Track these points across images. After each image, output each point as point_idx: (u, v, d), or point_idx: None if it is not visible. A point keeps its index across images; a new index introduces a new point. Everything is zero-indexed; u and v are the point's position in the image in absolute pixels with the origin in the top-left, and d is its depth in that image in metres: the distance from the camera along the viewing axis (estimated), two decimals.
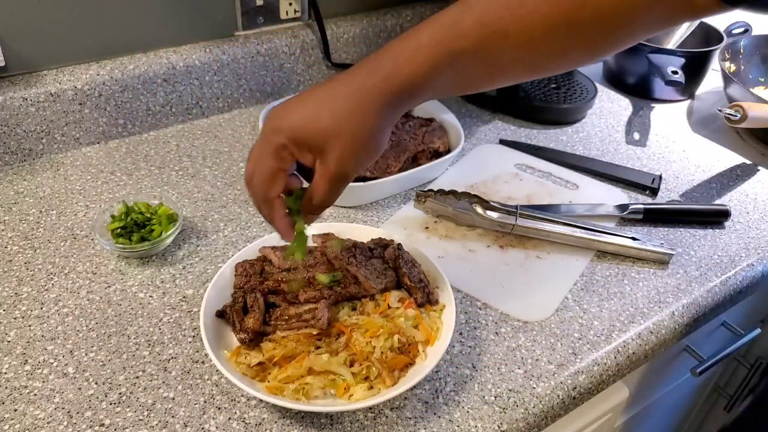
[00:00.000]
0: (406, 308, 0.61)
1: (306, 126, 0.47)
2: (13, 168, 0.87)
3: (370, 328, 0.58)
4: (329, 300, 0.60)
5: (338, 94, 0.47)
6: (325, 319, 0.58)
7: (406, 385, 0.54)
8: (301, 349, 0.57)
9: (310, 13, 1.04)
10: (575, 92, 1.06)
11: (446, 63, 0.47)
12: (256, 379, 0.56)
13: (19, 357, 0.61)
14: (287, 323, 0.59)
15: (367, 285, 0.62)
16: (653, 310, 0.70)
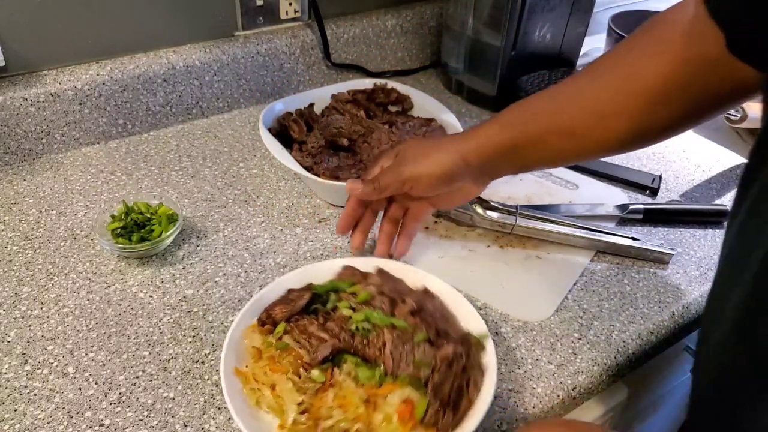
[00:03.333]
0: (398, 418, 0.50)
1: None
2: (13, 168, 0.87)
3: (346, 398, 0.52)
4: (339, 345, 0.55)
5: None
6: (321, 357, 0.54)
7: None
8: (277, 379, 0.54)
9: (310, 13, 1.04)
10: None
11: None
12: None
13: (19, 357, 0.61)
14: (297, 334, 0.57)
15: (387, 362, 0.53)
16: (653, 310, 0.70)
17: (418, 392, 0.51)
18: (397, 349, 0.53)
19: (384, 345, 0.54)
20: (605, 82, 0.59)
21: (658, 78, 0.56)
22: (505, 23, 0.97)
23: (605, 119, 0.59)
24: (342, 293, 0.60)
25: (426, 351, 0.53)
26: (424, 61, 1.20)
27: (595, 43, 1.25)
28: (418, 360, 0.53)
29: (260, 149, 0.94)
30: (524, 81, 1.07)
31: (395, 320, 0.56)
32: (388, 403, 0.51)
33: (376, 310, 0.57)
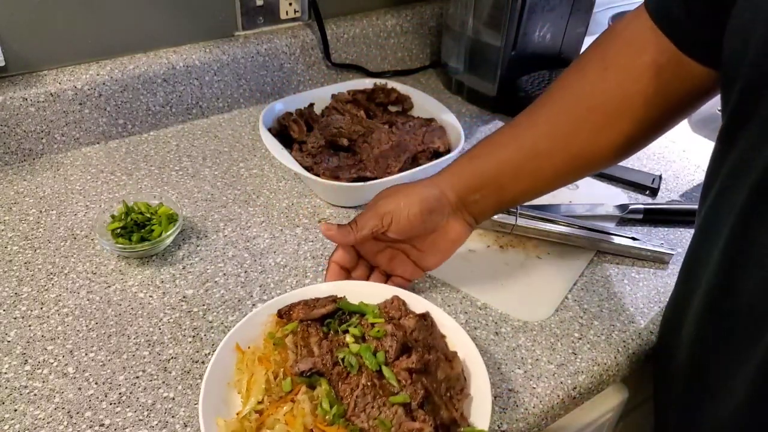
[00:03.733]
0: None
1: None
2: (13, 168, 0.87)
3: (295, 419, 0.50)
4: (318, 366, 0.53)
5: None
6: (298, 370, 0.53)
7: None
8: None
9: (310, 13, 1.04)
10: None
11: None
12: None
13: (19, 357, 0.61)
14: (299, 338, 0.56)
15: (349, 404, 0.50)
16: (653, 310, 0.70)
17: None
18: (364, 398, 0.50)
19: (356, 387, 0.51)
20: (562, 104, 0.61)
21: (615, 92, 0.57)
22: (505, 23, 0.97)
23: (565, 138, 0.60)
24: (364, 319, 0.57)
25: (395, 415, 0.49)
26: (424, 61, 1.20)
27: None
28: (379, 419, 0.49)
29: (260, 149, 0.94)
30: (524, 81, 1.07)
31: (386, 370, 0.52)
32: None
33: (378, 351, 0.53)
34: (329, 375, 0.53)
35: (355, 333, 0.55)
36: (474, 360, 0.56)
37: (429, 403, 0.51)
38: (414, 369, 0.52)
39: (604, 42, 0.60)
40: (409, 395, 0.50)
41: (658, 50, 0.55)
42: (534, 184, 0.63)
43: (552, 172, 0.62)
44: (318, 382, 0.52)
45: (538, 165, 0.61)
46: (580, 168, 0.63)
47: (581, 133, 0.59)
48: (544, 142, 0.60)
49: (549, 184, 0.64)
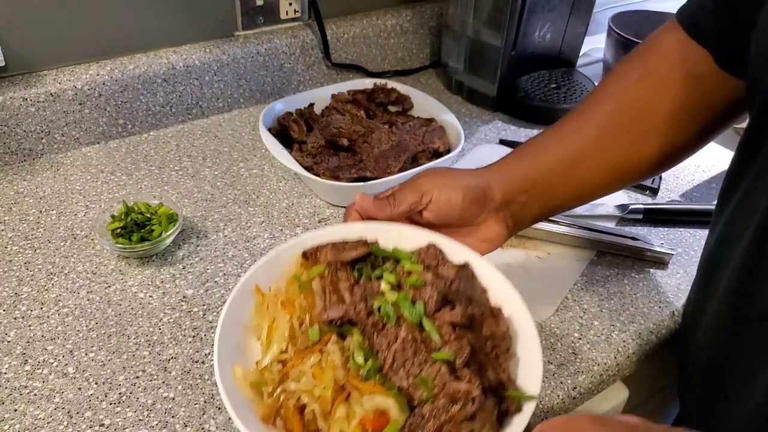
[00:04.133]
0: (359, 424, 0.42)
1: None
2: (13, 168, 0.87)
3: (323, 371, 0.45)
4: (350, 315, 0.47)
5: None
6: (327, 318, 0.48)
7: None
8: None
9: (310, 13, 1.04)
10: (575, 92, 1.06)
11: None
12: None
13: (19, 357, 0.61)
14: (327, 283, 0.51)
15: (386, 359, 0.45)
16: (653, 310, 0.70)
17: (401, 413, 0.43)
18: (404, 353, 0.45)
19: (395, 340, 0.45)
20: (607, 110, 0.58)
21: (656, 102, 0.56)
22: (505, 23, 0.97)
23: (610, 145, 0.58)
24: (399, 266, 0.51)
25: (438, 374, 0.44)
26: (424, 61, 1.20)
27: (595, 43, 1.25)
28: (421, 377, 0.43)
29: (260, 149, 0.94)
30: (524, 81, 1.07)
31: (427, 322, 0.46)
32: (361, 403, 0.43)
33: (416, 302, 0.47)
34: (363, 325, 0.47)
35: (391, 280, 0.49)
36: (521, 318, 0.49)
37: (474, 362, 0.45)
38: (458, 323, 0.46)
39: (643, 52, 0.59)
40: (453, 352, 0.44)
41: (694, 61, 0.54)
42: (579, 190, 0.60)
43: (598, 178, 0.60)
44: (349, 332, 0.47)
45: (585, 170, 0.59)
46: (621, 177, 0.61)
47: (624, 141, 0.57)
48: (591, 146, 0.58)
49: (592, 192, 0.61)
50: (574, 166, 0.58)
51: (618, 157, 0.58)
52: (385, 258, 0.52)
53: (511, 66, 1.03)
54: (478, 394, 0.42)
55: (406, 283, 0.49)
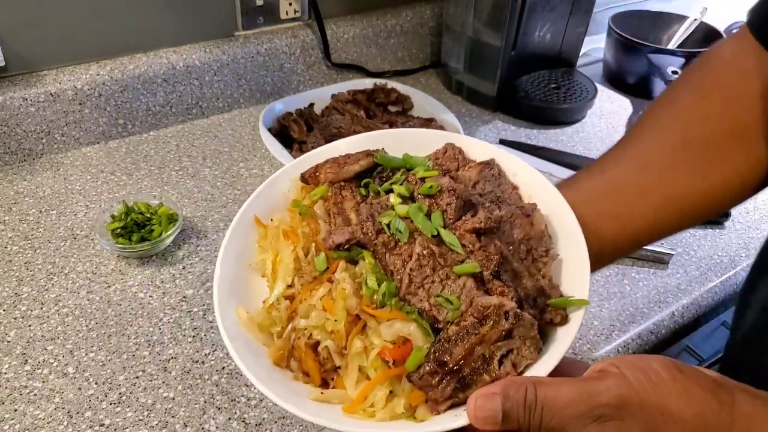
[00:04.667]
0: (380, 356, 0.38)
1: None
2: (13, 168, 0.87)
3: (334, 302, 0.40)
4: (357, 236, 0.42)
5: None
6: (332, 243, 0.42)
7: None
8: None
9: (310, 13, 1.04)
10: (575, 92, 1.06)
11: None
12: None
13: (19, 357, 0.61)
14: (332, 205, 0.45)
15: (402, 280, 0.39)
16: (653, 310, 0.69)
17: (425, 338, 0.38)
18: (422, 270, 0.39)
19: (409, 258, 0.39)
20: (651, 138, 0.51)
21: (717, 123, 0.49)
22: (505, 23, 0.97)
23: (657, 177, 0.49)
24: (411, 175, 0.45)
25: (463, 289, 0.38)
26: (424, 61, 1.20)
27: (595, 43, 1.25)
28: (443, 296, 0.38)
29: (260, 149, 0.94)
30: (524, 81, 1.07)
31: (446, 233, 0.40)
32: (379, 332, 0.38)
33: (433, 212, 0.41)
34: (372, 246, 0.41)
35: (401, 192, 0.43)
36: (560, 213, 0.43)
37: (507, 271, 0.40)
38: (482, 228, 0.40)
39: (699, 69, 0.51)
40: (478, 263, 0.39)
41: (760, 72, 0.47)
42: (630, 225, 0.49)
43: (649, 214, 0.49)
44: (360, 255, 0.42)
45: (628, 205, 0.49)
46: (681, 213, 0.50)
47: (677, 171, 0.49)
48: (632, 179, 0.49)
49: (647, 231, 0.50)
50: (614, 199, 0.49)
51: (669, 189, 0.49)
52: (395, 168, 0.46)
53: (511, 66, 1.03)
54: (512, 307, 0.36)
55: (419, 193, 0.43)
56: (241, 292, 0.43)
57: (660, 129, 0.50)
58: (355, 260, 0.42)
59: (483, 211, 0.41)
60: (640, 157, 0.50)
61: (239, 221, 0.45)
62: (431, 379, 0.36)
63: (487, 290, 0.38)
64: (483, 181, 0.44)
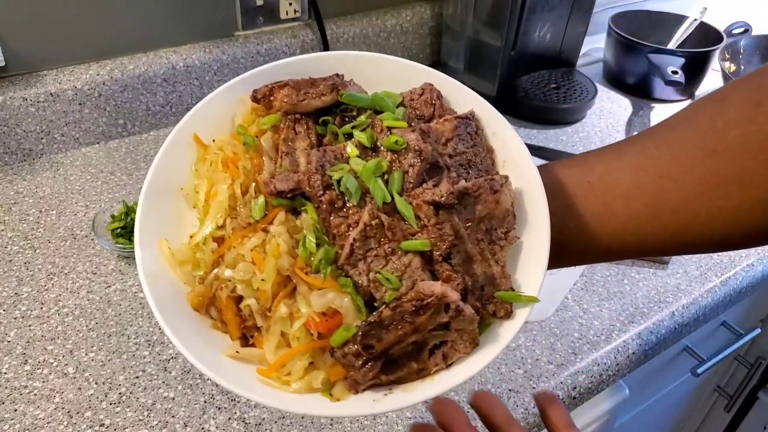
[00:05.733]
0: (305, 326, 0.35)
1: None
2: (13, 168, 0.87)
3: (265, 258, 0.36)
4: (303, 188, 0.37)
5: None
6: (274, 189, 0.37)
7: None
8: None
9: (310, 13, 1.04)
10: (575, 92, 1.06)
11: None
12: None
13: (19, 357, 0.61)
14: (282, 140, 0.40)
15: (342, 249, 0.35)
16: (653, 310, 0.70)
17: (357, 314, 0.34)
18: (365, 242, 0.35)
19: (355, 224, 0.35)
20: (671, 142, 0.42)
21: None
22: (505, 23, 0.97)
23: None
24: (377, 120, 0.39)
25: (408, 267, 0.35)
26: (424, 61, 1.20)
27: (595, 43, 1.25)
28: (383, 273, 0.34)
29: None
30: (524, 81, 1.07)
31: (401, 202, 0.36)
32: (309, 299, 0.35)
33: (393, 173, 0.37)
34: (317, 202, 0.36)
35: (362, 140, 0.38)
36: (532, 190, 0.38)
37: (459, 253, 0.36)
38: (443, 203, 0.35)
39: (764, 71, 0.41)
40: (430, 240, 0.35)
41: None
42: (603, 229, 0.42)
43: (629, 223, 0.41)
44: (303, 207, 0.37)
45: (607, 206, 0.41)
46: (672, 232, 0.41)
47: (682, 182, 0.40)
48: (625, 178, 0.42)
49: (622, 242, 0.42)
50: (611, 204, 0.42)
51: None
52: (362, 108, 0.40)
53: (511, 66, 1.03)
54: (454, 300, 0.33)
55: (383, 145, 0.38)
56: (169, 219, 0.38)
57: (686, 129, 0.41)
58: (297, 210, 0.37)
59: (447, 182, 0.37)
60: (644, 155, 0.42)
61: (176, 137, 0.39)
62: (355, 360, 0.34)
63: (433, 271, 0.35)
64: (456, 139, 0.40)
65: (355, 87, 0.42)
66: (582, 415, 0.72)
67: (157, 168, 0.38)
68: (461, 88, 0.42)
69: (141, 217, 0.37)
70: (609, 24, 1.14)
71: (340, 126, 0.40)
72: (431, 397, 0.34)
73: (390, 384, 0.35)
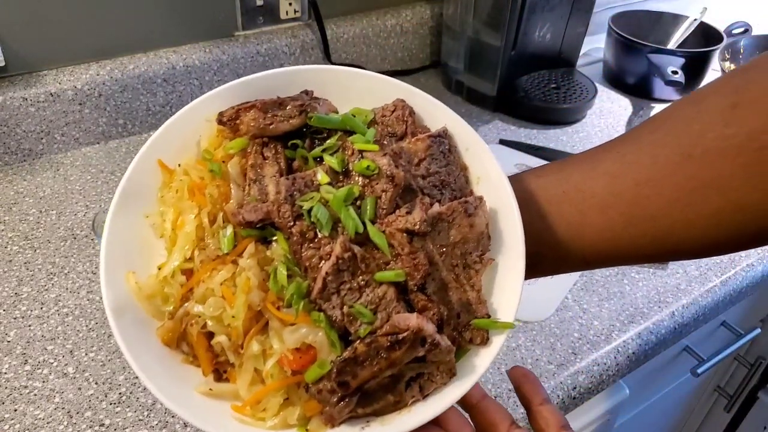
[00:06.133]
0: (280, 363, 0.34)
1: None
2: (13, 168, 0.87)
3: (235, 293, 0.35)
4: (272, 218, 0.36)
5: None
6: (243, 220, 0.36)
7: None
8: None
9: (310, 13, 1.04)
10: (575, 92, 1.06)
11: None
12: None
13: (19, 357, 0.61)
14: (250, 166, 0.38)
15: (315, 283, 0.34)
16: (653, 310, 0.70)
17: (331, 348, 0.34)
18: (338, 276, 0.34)
19: (326, 257, 0.34)
20: (647, 145, 0.41)
21: (743, 142, 0.37)
22: (505, 23, 0.97)
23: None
24: (348, 143, 0.38)
25: (383, 300, 0.34)
26: (423, 61, 1.20)
27: (594, 43, 1.25)
28: (357, 308, 0.34)
29: None
30: (524, 81, 1.07)
31: (374, 231, 0.35)
32: (281, 335, 0.34)
33: (365, 199, 0.36)
34: (287, 233, 0.35)
35: (333, 164, 0.36)
36: (506, 211, 0.38)
37: (434, 281, 0.35)
38: (417, 231, 0.35)
39: (749, 72, 0.39)
40: (404, 270, 0.34)
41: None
42: (578, 238, 0.41)
43: (605, 231, 0.41)
44: (273, 237, 0.36)
45: (582, 215, 0.41)
46: (651, 239, 0.40)
47: (661, 188, 0.39)
48: (599, 186, 0.41)
49: (596, 251, 0.41)
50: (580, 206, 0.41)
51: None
52: (332, 130, 0.39)
53: (511, 66, 1.03)
54: (430, 334, 0.33)
55: (354, 169, 0.36)
56: (136, 248, 0.37)
57: (664, 133, 0.40)
58: (268, 239, 0.36)
59: (420, 209, 0.35)
60: (620, 162, 0.41)
61: (139, 162, 0.38)
62: (330, 397, 0.33)
63: (408, 300, 0.35)
64: (429, 159, 0.38)
65: (326, 105, 0.40)
66: (582, 415, 0.72)
67: (122, 195, 0.37)
68: (433, 102, 0.41)
69: (106, 247, 0.36)
70: (609, 24, 1.14)
71: (310, 148, 0.38)
72: (409, 429, 0.33)
73: (366, 416, 0.34)
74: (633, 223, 0.39)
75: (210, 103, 0.39)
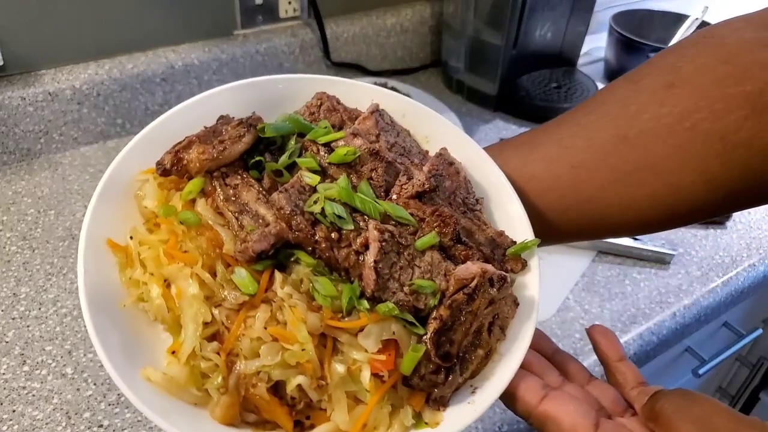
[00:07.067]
0: (371, 371, 0.32)
1: None
2: (12, 168, 0.87)
3: (286, 326, 0.32)
4: (289, 234, 0.33)
5: None
6: (255, 250, 0.32)
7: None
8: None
9: (309, 11, 1.04)
10: (576, 91, 1.06)
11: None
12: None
13: (17, 357, 0.60)
14: (222, 201, 0.35)
15: (367, 277, 0.33)
16: (654, 311, 0.69)
17: (410, 333, 0.33)
18: (387, 258, 0.33)
19: (366, 248, 0.33)
20: (583, 126, 0.42)
21: (677, 124, 0.37)
22: (506, 22, 0.97)
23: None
24: (308, 142, 0.37)
25: (435, 266, 0.34)
26: (424, 60, 1.20)
27: (595, 42, 1.25)
28: (418, 282, 0.33)
29: None
30: (525, 80, 1.07)
31: (390, 206, 0.34)
32: (358, 345, 0.32)
33: (362, 182, 0.35)
34: (311, 244, 0.33)
35: (310, 165, 0.35)
36: (467, 152, 0.39)
37: (464, 230, 0.36)
38: (425, 190, 0.35)
39: (685, 49, 0.39)
40: (437, 231, 0.35)
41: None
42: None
43: (556, 212, 0.41)
44: (290, 257, 0.33)
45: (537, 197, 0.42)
46: (590, 221, 0.41)
47: (596, 171, 0.40)
48: (539, 169, 0.42)
49: (553, 231, 0.42)
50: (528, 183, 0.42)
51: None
52: (285, 137, 0.37)
53: (512, 65, 1.03)
54: (494, 272, 0.33)
55: (334, 161, 0.35)
56: (135, 346, 0.33)
57: (601, 114, 0.40)
58: (284, 264, 0.33)
59: (417, 171, 0.36)
60: (558, 146, 0.41)
61: (87, 250, 0.35)
62: (436, 377, 0.32)
63: (450, 256, 0.35)
64: (383, 133, 0.38)
65: (256, 118, 0.39)
66: None
67: (88, 292, 0.33)
68: (352, 83, 0.40)
69: (106, 355, 0.31)
70: (610, 23, 1.13)
71: (273, 161, 0.36)
72: (515, 370, 0.34)
73: (467, 382, 0.34)
74: (572, 206, 0.40)
75: (129, 161, 0.37)
